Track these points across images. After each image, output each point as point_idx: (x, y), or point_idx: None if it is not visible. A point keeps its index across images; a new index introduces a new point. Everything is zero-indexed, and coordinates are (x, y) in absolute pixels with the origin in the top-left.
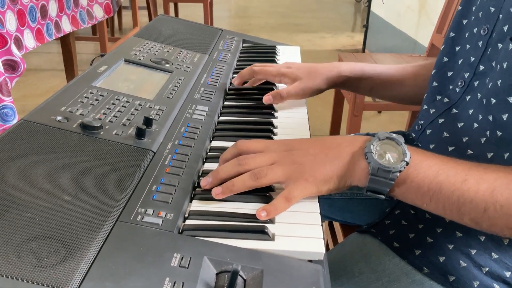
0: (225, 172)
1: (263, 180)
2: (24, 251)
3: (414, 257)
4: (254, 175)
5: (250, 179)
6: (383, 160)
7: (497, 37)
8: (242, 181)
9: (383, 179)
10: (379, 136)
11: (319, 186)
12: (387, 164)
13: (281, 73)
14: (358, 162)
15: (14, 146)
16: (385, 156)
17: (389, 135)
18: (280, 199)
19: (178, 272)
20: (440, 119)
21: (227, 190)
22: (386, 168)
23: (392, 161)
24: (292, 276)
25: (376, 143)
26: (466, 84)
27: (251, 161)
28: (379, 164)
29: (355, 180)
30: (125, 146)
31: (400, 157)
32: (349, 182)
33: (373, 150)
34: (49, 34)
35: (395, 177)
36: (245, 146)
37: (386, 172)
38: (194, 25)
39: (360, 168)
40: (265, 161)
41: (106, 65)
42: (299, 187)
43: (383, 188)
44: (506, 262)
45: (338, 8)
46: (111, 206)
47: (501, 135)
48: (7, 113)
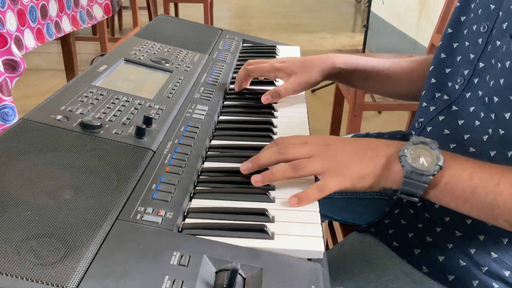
0: (265, 159)
1: (301, 171)
2: (24, 249)
3: (413, 257)
4: (293, 166)
5: (289, 170)
6: (417, 163)
7: (496, 34)
8: (282, 172)
9: (416, 182)
10: (413, 141)
11: (355, 182)
12: (420, 167)
13: (276, 68)
14: (393, 165)
15: (14, 145)
16: (419, 160)
17: (423, 139)
18: (314, 188)
19: (178, 271)
20: (440, 116)
21: (267, 178)
22: (419, 171)
23: (426, 164)
24: (292, 275)
25: (410, 147)
26: (465, 81)
27: (291, 151)
28: (412, 167)
29: (389, 182)
30: (125, 145)
31: (433, 161)
32: (383, 184)
33: (407, 154)
34: (49, 34)
35: (428, 180)
36: (284, 141)
37: (420, 175)
38: (194, 25)
39: (394, 171)
40: (304, 153)
41: (106, 65)
42: (335, 180)
43: (417, 191)
44: (505, 261)
45: (338, 8)
46: (111, 205)
47: (504, 133)
48: (7, 112)
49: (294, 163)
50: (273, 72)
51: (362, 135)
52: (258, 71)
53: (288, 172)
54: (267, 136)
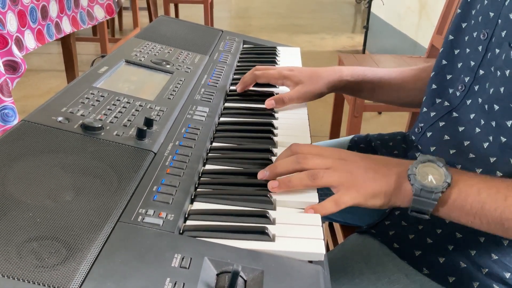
0: (282, 167)
1: (319, 181)
2: (25, 252)
3: (414, 258)
4: (311, 175)
5: (307, 178)
6: (426, 181)
7: (496, 42)
8: (300, 179)
9: (426, 200)
10: (420, 160)
11: (367, 199)
12: (429, 184)
13: (284, 76)
14: (403, 184)
15: (15, 146)
16: (428, 178)
17: (430, 158)
18: (330, 202)
19: (179, 273)
20: (441, 122)
21: (284, 185)
22: (428, 189)
23: (435, 182)
24: (292, 277)
25: (418, 165)
26: (466, 88)
27: (309, 161)
28: (421, 185)
29: (399, 201)
30: (125, 146)
31: (441, 178)
32: (393, 202)
33: (416, 172)
34: (50, 35)
35: (437, 197)
36: (299, 149)
37: (429, 192)
38: (195, 26)
39: (404, 189)
40: (321, 164)
41: (107, 66)
42: (349, 195)
43: (427, 208)
44: (506, 263)
45: (338, 9)
46: (112, 207)
47: (505, 141)
48: (7, 113)
49: (313, 172)
50: (280, 79)
51: (362, 137)
52: (265, 77)
53: (305, 181)
54: (268, 137)
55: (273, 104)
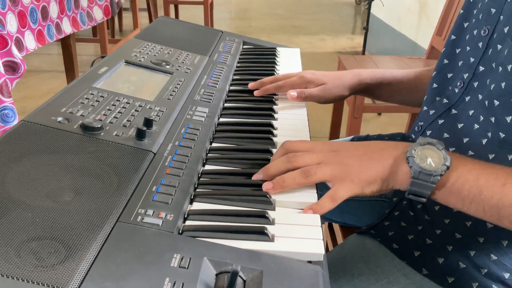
0: (275, 168)
1: (312, 178)
2: (24, 251)
3: (413, 258)
4: (304, 173)
5: (300, 176)
6: (425, 164)
7: (497, 38)
8: (293, 178)
9: (424, 182)
10: (420, 142)
11: (364, 187)
12: (428, 167)
13: (307, 80)
14: (401, 166)
15: (14, 147)
16: (427, 161)
17: (430, 140)
18: (326, 199)
19: (178, 273)
20: (440, 120)
21: (278, 185)
22: (427, 171)
23: (433, 165)
24: (292, 277)
25: (417, 148)
26: (465, 84)
27: (300, 159)
28: (420, 167)
29: (397, 184)
30: (125, 147)
31: (441, 161)
32: (392, 185)
33: (415, 155)
34: (50, 36)
35: (436, 180)
36: (292, 146)
37: (428, 175)
38: (195, 27)
39: (402, 172)
40: (313, 160)
41: (107, 67)
42: (345, 187)
43: (425, 191)
44: (505, 263)
45: (338, 10)
46: (111, 207)
47: (504, 137)
48: (7, 114)
49: (305, 169)
50: (304, 84)
51: (362, 137)
52: (289, 85)
53: (298, 179)
54: (267, 138)
55: (294, 96)
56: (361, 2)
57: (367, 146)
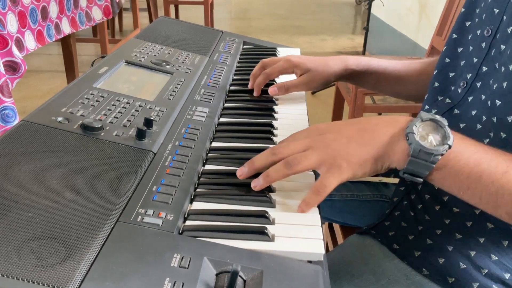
0: (259, 161)
1: (297, 167)
2: (24, 251)
3: (413, 259)
4: (287, 163)
5: (284, 167)
6: (425, 141)
7: (501, 38)
8: (276, 171)
9: (423, 162)
10: (421, 117)
11: (355, 170)
12: (429, 146)
13: (294, 64)
14: (398, 143)
15: (15, 146)
16: (427, 138)
17: (433, 116)
18: (311, 193)
19: (178, 273)
20: None
21: (264, 181)
22: (428, 150)
23: (434, 143)
24: (292, 277)
25: (419, 124)
26: (468, 85)
27: (284, 149)
28: (421, 145)
29: (394, 162)
30: (125, 147)
31: (443, 140)
32: (387, 164)
33: (415, 131)
34: (50, 36)
35: (436, 160)
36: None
37: (428, 154)
38: (195, 27)
39: (400, 149)
40: (298, 148)
41: (107, 67)
42: (333, 174)
43: (423, 171)
44: (505, 263)
45: (339, 10)
46: (112, 207)
47: (505, 137)
48: (8, 114)
49: (288, 159)
50: (291, 68)
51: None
52: (277, 71)
53: (282, 171)
54: (268, 138)
55: (275, 91)
56: (362, 2)
57: (358, 124)
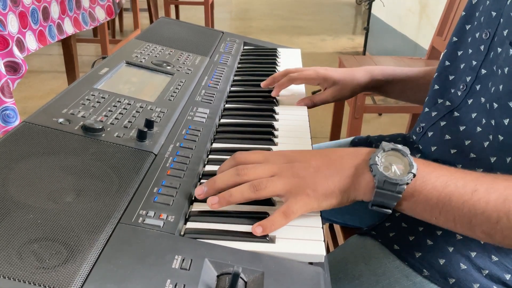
0: (222, 181)
1: (262, 192)
2: (26, 253)
3: (414, 260)
4: (253, 186)
5: (249, 190)
6: (389, 172)
7: (498, 41)
8: (241, 192)
9: (389, 192)
10: (383, 147)
11: (320, 201)
12: (393, 176)
13: (321, 77)
14: (363, 175)
15: (16, 148)
16: (391, 168)
17: (394, 146)
18: (278, 215)
19: (179, 274)
20: (442, 121)
21: (224, 200)
22: (392, 180)
23: (398, 173)
24: (293, 279)
25: (381, 154)
26: (468, 87)
27: (250, 172)
28: (385, 176)
29: (360, 195)
30: (126, 148)
31: (406, 168)
32: (353, 197)
33: (378, 162)
34: (51, 36)
35: (402, 189)
36: (243, 157)
37: (393, 184)
38: (195, 27)
39: (365, 181)
40: (265, 173)
41: (108, 68)
42: (299, 202)
43: (390, 202)
44: (506, 264)
45: (339, 10)
46: (113, 208)
47: (503, 140)
48: (8, 114)
49: (255, 183)
50: (318, 79)
51: (363, 138)
52: (303, 78)
53: (247, 193)
54: (268, 139)
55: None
56: (362, 3)
57: (325, 156)
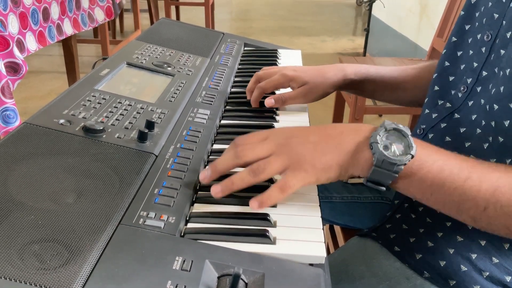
0: (223, 165)
1: (261, 175)
2: (27, 254)
3: (414, 261)
4: (252, 171)
5: (249, 176)
6: (388, 151)
7: (500, 43)
8: (241, 179)
9: (386, 171)
10: (385, 126)
11: (319, 175)
12: (392, 156)
13: (289, 78)
14: (362, 152)
15: (17, 149)
16: (391, 148)
17: (396, 125)
18: (275, 189)
19: (180, 275)
20: (442, 123)
21: (227, 189)
22: (391, 160)
23: (398, 153)
24: (293, 280)
25: (383, 133)
26: (468, 89)
27: (249, 153)
28: (384, 155)
29: (357, 170)
30: (127, 149)
31: (405, 149)
32: (351, 172)
33: (379, 141)
34: (51, 37)
35: (399, 170)
36: (242, 140)
37: (391, 164)
38: (196, 28)
39: (364, 158)
40: (263, 152)
41: (109, 69)
42: (296, 176)
43: (386, 180)
44: (506, 266)
45: (339, 11)
46: (113, 209)
47: (503, 141)
48: (9, 115)
49: (253, 167)
50: (286, 82)
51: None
52: (272, 85)
53: (247, 179)
54: None
55: (272, 103)
56: (362, 3)
57: (324, 130)
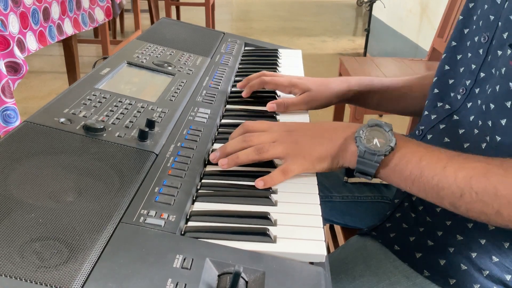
0: (231, 147)
1: (265, 154)
2: (27, 252)
3: (414, 260)
4: (257, 149)
5: (253, 152)
6: (370, 144)
7: (497, 44)
8: (246, 154)
9: (369, 161)
10: (368, 123)
11: (315, 163)
12: (373, 147)
13: (292, 84)
14: (349, 146)
15: (17, 147)
16: (373, 141)
17: (378, 122)
18: (278, 172)
19: (181, 274)
20: (441, 125)
21: (232, 161)
22: (372, 151)
23: (379, 145)
24: (294, 278)
25: (366, 129)
26: (467, 91)
27: (255, 138)
28: (366, 147)
29: (346, 162)
30: (127, 148)
31: (386, 142)
32: (341, 163)
33: (362, 135)
34: (52, 37)
35: (380, 159)
36: (250, 126)
37: (372, 154)
38: (197, 28)
39: (350, 150)
40: (268, 139)
41: (109, 68)
42: (296, 162)
43: (370, 170)
44: (506, 265)
45: (340, 12)
46: (114, 208)
47: (500, 140)
48: (9, 114)
49: (258, 146)
50: (289, 87)
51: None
52: (274, 84)
53: (252, 155)
54: None
55: (274, 108)
56: (363, 4)
57: (320, 126)
